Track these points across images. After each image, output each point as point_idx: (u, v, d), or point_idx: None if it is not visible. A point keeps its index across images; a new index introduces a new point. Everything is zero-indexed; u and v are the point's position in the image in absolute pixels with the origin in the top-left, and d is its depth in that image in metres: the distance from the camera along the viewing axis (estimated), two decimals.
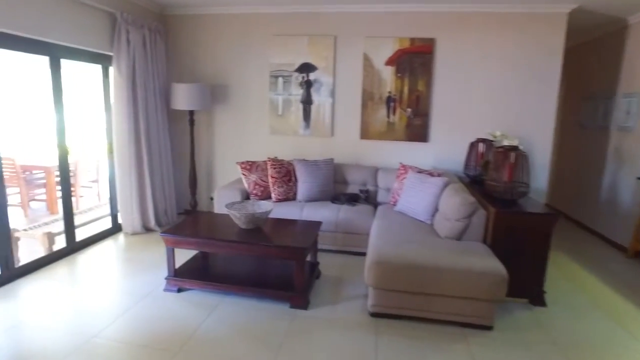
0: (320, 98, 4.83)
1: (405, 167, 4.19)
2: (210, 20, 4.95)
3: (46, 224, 4.14)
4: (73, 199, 3.91)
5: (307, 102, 4.86)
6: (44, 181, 6.05)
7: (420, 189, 3.73)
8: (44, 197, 6.02)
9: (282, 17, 4.77)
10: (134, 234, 4.57)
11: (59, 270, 3.66)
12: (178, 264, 3.39)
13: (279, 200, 4.30)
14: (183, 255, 3.65)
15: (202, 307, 3.02)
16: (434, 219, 3.57)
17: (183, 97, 4.62)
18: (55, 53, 3.64)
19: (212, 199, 5.28)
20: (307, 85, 4.83)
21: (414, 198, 3.75)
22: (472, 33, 4.44)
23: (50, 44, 3.56)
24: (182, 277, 3.23)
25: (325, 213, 4.06)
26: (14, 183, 5.58)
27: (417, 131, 4.69)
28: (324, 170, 4.42)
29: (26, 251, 3.97)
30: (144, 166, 4.52)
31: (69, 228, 3.98)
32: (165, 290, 3.25)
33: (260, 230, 3.24)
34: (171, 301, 3.12)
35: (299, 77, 4.85)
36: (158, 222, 4.77)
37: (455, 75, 4.55)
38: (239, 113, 5.09)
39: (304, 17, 4.72)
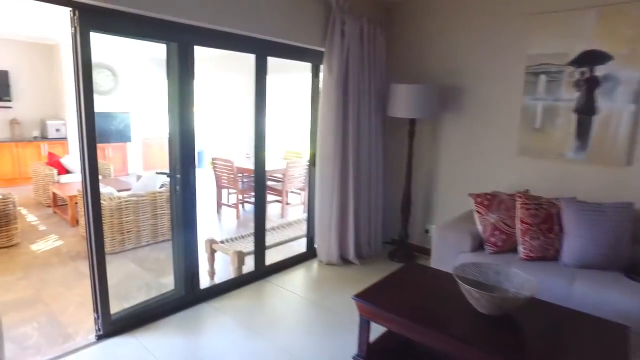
0: (611, 105, 3.06)
1: None
2: (443, 3, 3.80)
3: (242, 237, 3.81)
4: (279, 205, 3.48)
5: (585, 110, 3.16)
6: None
7: None
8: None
9: None
10: (329, 264, 3.84)
11: (241, 300, 3.16)
12: (375, 333, 2.36)
13: (530, 259, 2.80)
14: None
15: None
16: None
17: (404, 102, 3.61)
18: (262, 50, 3.14)
19: (427, 231, 4.14)
20: (590, 84, 3.13)
21: None
22: None
23: (257, 40, 3.07)
24: None
25: (616, 298, 2.37)
26: (230, 185, 5.73)
27: None
28: (613, 221, 2.68)
29: (217, 267, 3.69)
30: (348, 185, 3.73)
31: (259, 248, 3.49)
32: None
33: (510, 323, 1.90)
34: None
35: (575, 74, 3.19)
36: (358, 254, 3.92)
37: None
38: (474, 124, 3.77)
39: None
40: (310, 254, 3.97)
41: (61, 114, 7.78)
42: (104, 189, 4.38)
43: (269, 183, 5.94)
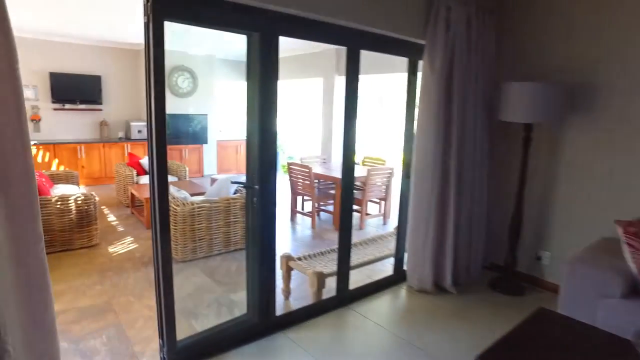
0: None
1: None
2: None
3: (322, 253, 3.40)
4: (356, 215, 3.03)
5: None
6: (333, 192, 5.69)
7: None
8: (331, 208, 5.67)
9: None
10: (421, 291, 3.28)
11: (320, 331, 2.74)
12: None
13: None
14: None
15: None
16: None
17: (519, 103, 2.97)
18: (354, 42, 2.70)
19: (539, 258, 3.44)
20: None
21: None
22: None
23: (349, 30, 2.63)
24: None
25: None
26: (306, 192, 5.38)
27: None
28: None
29: (293, 284, 3.30)
30: (449, 200, 3.15)
31: (343, 269, 3.04)
32: None
33: None
34: None
35: None
36: (455, 280, 3.33)
37: None
38: (612, 130, 3.00)
39: None
40: (398, 277, 3.45)
41: (143, 115, 8.02)
42: (177, 192, 4.22)
43: None
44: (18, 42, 1.44)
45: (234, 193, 4.43)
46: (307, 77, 7.88)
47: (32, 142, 1.57)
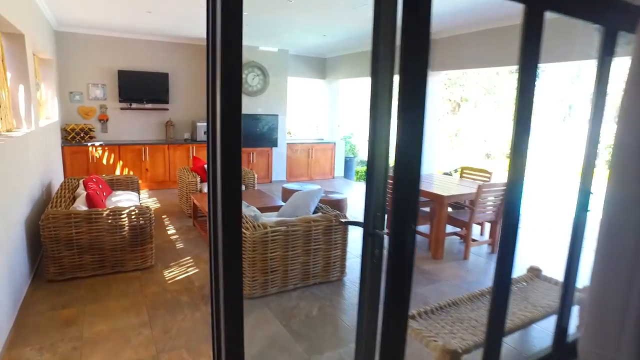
0: None
1: None
2: None
3: (440, 308, 2.38)
4: (456, 239, 1.98)
5: None
6: (427, 210, 4.61)
7: None
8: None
9: None
10: None
11: None
12: None
13: None
14: None
15: None
16: None
17: None
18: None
19: None
20: None
21: None
22: None
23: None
24: None
25: None
26: None
27: None
28: None
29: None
30: None
31: (493, 344, 1.98)
32: None
33: None
34: None
35: None
36: None
37: None
38: None
39: None
40: (560, 353, 2.32)
41: None
42: (246, 209, 3.40)
43: (448, 210, 4.40)
44: (86, 39, 0.60)
45: (315, 212, 3.53)
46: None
47: (99, 143, 0.71)
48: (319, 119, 9.40)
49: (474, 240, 4.40)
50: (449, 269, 3.97)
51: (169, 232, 4.64)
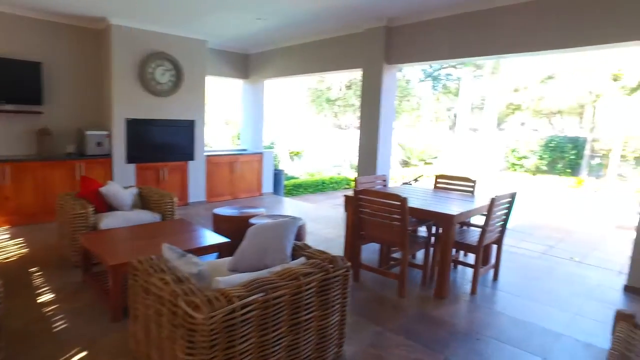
0: None
1: None
2: None
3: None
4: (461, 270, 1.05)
5: None
6: (425, 237, 3.57)
7: None
8: None
9: None
10: None
11: None
12: None
13: None
14: None
15: None
16: None
17: None
18: None
19: None
20: None
21: None
22: None
23: None
24: None
25: None
26: (392, 238, 3.25)
27: None
28: None
29: None
30: None
31: None
32: None
33: None
34: None
35: None
36: None
37: None
38: None
39: None
40: None
41: (105, 121, 5.64)
42: (180, 260, 1.98)
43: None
44: None
45: (295, 259, 2.22)
46: (339, 70, 5.83)
47: None
48: (240, 126, 8.04)
49: (470, 265, 3.45)
50: (466, 313, 2.99)
51: (40, 300, 2.91)
